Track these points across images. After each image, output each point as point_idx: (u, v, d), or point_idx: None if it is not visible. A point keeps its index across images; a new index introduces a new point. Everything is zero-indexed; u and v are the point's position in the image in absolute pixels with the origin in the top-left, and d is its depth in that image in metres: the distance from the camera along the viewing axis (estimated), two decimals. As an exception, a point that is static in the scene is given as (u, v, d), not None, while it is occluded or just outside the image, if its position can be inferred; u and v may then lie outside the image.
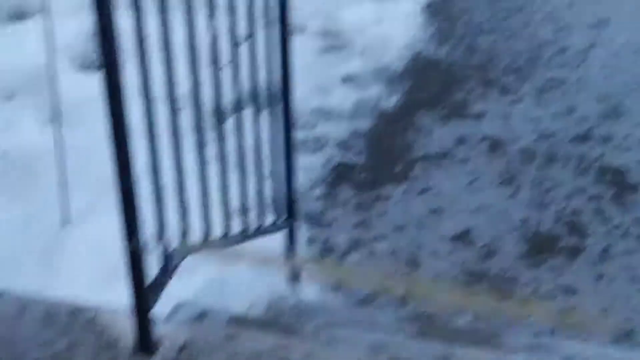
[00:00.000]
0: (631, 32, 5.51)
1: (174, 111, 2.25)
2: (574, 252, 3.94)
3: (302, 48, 4.66)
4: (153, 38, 2.05)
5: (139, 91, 2.04)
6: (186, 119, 2.38)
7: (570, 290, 3.74)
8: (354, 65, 5.14)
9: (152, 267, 2.28)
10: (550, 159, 4.52)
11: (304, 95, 4.63)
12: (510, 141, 4.64)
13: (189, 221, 2.46)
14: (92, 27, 1.76)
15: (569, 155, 4.53)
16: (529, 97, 5.00)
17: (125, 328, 2.21)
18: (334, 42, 5.33)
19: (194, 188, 2.48)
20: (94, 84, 1.94)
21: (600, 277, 3.81)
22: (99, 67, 1.81)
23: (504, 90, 5.06)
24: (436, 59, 5.31)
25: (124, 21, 1.91)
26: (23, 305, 2.33)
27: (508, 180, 4.37)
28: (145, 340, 2.20)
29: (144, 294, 2.16)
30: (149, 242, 2.19)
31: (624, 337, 3.51)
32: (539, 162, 4.50)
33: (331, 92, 4.92)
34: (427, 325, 3.15)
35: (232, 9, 2.48)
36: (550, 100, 4.96)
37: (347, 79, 5.06)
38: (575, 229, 4.08)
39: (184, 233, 2.48)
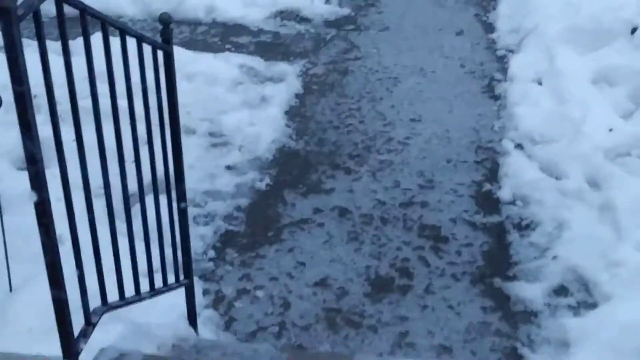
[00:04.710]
0: (437, 126, 5.51)
1: (89, 198, 2.18)
2: (405, 290, 3.94)
3: (194, 145, 5.00)
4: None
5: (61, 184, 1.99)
6: (100, 204, 2.31)
7: (403, 318, 3.74)
8: (235, 157, 5.05)
9: (80, 322, 2.22)
10: (384, 221, 4.48)
11: (196, 181, 4.69)
12: (354, 209, 4.60)
13: (104, 284, 2.38)
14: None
15: (398, 218, 4.51)
16: (367, 175, 4.94)
17: (59, 372, 2.11)
18: (218, 140, 5.23)
19: (108, 258, 2.39)
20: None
21: (425, 307, 3.82)
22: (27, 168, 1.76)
23: (348, 171, 4.98)
24: (296, 150, 5.21)
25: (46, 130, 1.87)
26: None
27: (354, 238, 4.34)
28: (75, 380, 2.11)
29: (73, 343, 2.09)
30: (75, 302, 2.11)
31: (444, 352, 3.51)
32: (375, 223, 4.46)
33: (217, 178, 4.82)
34: (296, 354, 3.14)
35: (132, 117, 2.42)
36: (382, 177, 4.91)
37: (230, 168, 4.96)
38: (405, 272, 4.07)
39: (102, 293, 2.40)
